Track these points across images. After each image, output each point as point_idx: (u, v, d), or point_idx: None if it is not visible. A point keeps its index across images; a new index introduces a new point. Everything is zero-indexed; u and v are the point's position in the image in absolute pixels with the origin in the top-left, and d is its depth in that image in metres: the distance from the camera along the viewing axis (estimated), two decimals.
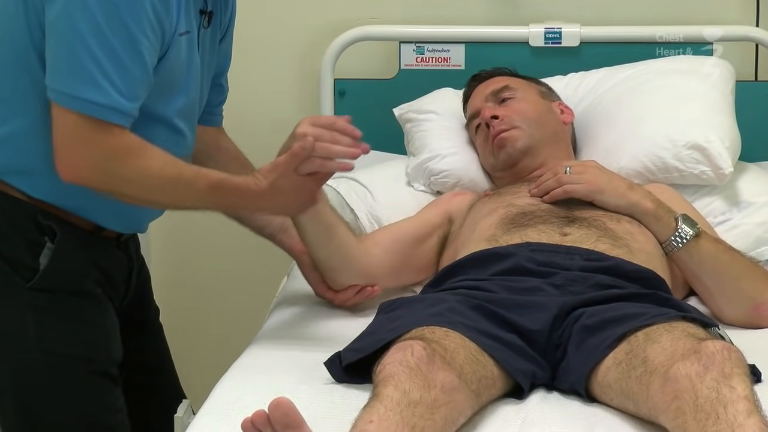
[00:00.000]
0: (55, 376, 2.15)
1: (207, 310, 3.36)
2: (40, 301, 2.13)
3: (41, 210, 2.12)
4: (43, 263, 2.12)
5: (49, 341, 2.14)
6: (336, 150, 2.08)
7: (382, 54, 3.20)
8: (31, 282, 2.12)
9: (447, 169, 2.79)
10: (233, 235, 3.30)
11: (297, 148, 2.07)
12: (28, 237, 2.12)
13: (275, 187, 2.11)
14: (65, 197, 2.12)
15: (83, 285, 2.17)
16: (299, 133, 2.09)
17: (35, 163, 2.10)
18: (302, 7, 3.20)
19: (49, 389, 2.15)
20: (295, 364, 2.09)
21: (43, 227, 2.12)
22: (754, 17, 3.13)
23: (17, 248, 2.12)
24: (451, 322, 1.97)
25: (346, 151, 2.08)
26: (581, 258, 2.24)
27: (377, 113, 3.04)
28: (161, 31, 2.03)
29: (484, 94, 2.73)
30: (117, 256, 2.26)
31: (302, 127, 2.10)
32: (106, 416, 2.22)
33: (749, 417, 1.66)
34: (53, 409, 2.16)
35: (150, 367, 2.44)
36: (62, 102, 1.99)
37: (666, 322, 1.94)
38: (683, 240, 2.36)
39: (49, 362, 2.14)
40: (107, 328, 2.23)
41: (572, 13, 3.13)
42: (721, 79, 2.88)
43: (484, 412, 1.91)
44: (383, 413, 1.71)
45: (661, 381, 1.76)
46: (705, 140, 2.69)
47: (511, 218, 2.40)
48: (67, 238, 2.13)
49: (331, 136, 2.08)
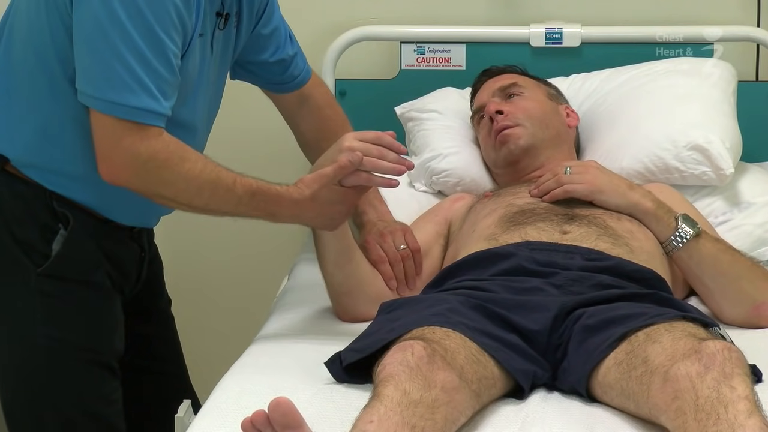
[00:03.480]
0: (56, 362, 2.20)
1: (207, 310, 3.36)
2: (48, 287, 2.17)
3: (57, 197, 2.16)
4: (56, 249, 2.16)
5: (53, 328, 2.18)
6: (383, 165, 2.14)
7: (382, 54, 3.20)
8: (42, 268, 2.16)
9: (448, 168, 2.78)
10: (233, 236, 3.32)
11: (345, 161, 2.13)
12: (42, 222, 2.16)
13: (317, 197, 2.16)
14: (78, 192, 2.17)
15: (93, 275, 2.21)
16: (346, 147, 2.14)
17: (49, 160, 2.14)
18: (303, 8, 3.20)
19: (50, 374, 2.20)
20: (295, 364, 2.09)
21: (57, 214, 2.16)
22: (755, 17, 3.13)
23: (31, 233, 2.16)
24: (451, 322, 1.97)
25: (393, 167, 2.14)
26: (581, 257, 2.24)
27: (378, 113, 3.04)
28: (183, 32, 2.07)
29: (492, 89, 2.73)
30: (129, 245, 2.29)
31: (348, 141, 2.16)
32: (102, 406, 2.26)
33: (750, 417, 1.66)
34: (52, 394, 2.20)
35: (159, 356, 2.48)
36: (99, 107, 2.03)
37: (666, 322, 1.94)
38: (683, 240, 2.36)
39: (52, 348, 2.18)
40: (112, 321, 2.26)
41: (573, 14, 3.13)
42: (723, 80, 2.88)
43: (484, 412, 1.91)
44: (384, 413, 1.71)
45: (662, 381, 1.76)
46: (706, 141, 2.69)
47: (510, 216, 2.40)
48: (81, 226, 2.17)
49: (379, 152, 2.14)
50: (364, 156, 2.13)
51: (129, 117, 2.02)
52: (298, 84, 2.50)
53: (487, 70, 2.84)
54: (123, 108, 2.02)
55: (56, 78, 2.10)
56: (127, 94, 2.01)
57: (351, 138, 2.16)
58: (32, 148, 2.15)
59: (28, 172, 2.16)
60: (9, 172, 2.17)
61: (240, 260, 3.34)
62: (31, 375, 2.21)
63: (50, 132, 2.13)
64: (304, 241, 2.88)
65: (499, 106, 2.65)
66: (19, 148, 2.15)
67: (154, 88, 2.02)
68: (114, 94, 2.01)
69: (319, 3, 3.21)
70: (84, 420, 2.24)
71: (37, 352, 2.19)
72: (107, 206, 2.20)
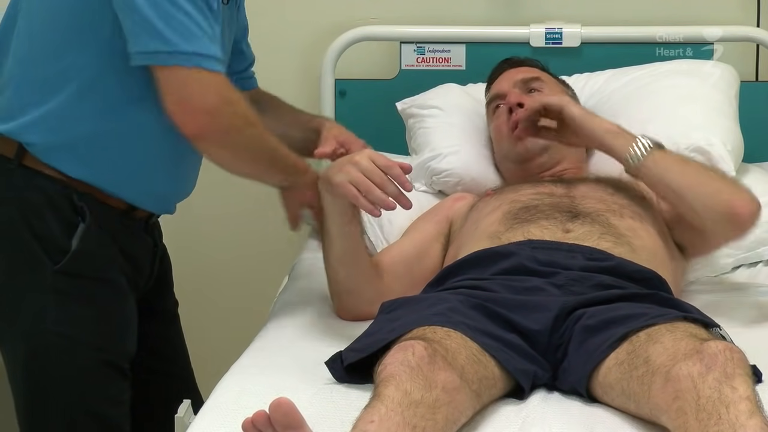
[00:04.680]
0: (65, 360, 2.21)
1: (207, 310, 3.36)
2: (63, 285, 2.19)
3: (77, 191, 2.18)
4: (74, 244, 2.18)
5: (65, 326, 2.20)
6: (376, 195, 2.15)
7: (382, 54, 3.20)
8: (59, 265, 2.18)
9: (449, 168, 2.78)
10: (233, 236, 3.32)
11: (338, 183, 2.18)
12: (63, 217, 2.18)
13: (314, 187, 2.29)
14: (102, 175, 2.19)
15: (108, 272, 2.23)
16: (355, 160, 2.18)
17: (75, 138, 2.16)
18: (303, 8, 3.20)
19: (59, 372, 2.21)
20: (295, 364, 2.09)
21: (77, 207, 2.18)
22: (755, 17, 3.13)
23: (52, 227, 2.18)
24: (452, 322, 1.97)
25: (384, 200, 2.15)
26: (583, 257, 2.24)
27: (378, 113, 3.05)
28: None
29: (513, 79, 2.71)
30: (144, 239, 2.32)
31: (360, 156, 2.19)
32: (107, 407, 2.27)
33: (751, 418, 1.65)
34: (60, 392, 2.22)
35: (165, 356, 2.49)
36: (163, 61, 2.07)
37: (668, 322, 1.94)
38: (645, 149, 2.36)
39: (62, 346, 2.20)
40: (125, 320, 2.28)
41: (573, 14, 3.13)
42: (725, 82, 2.89)
43: (484, 412, 1.90)
44: (384, 413, 1.71)
45: (663, 381, 1.76)
46: (707, 143, 2.70)
47: (514, 213, 2.39)
48: (97, 220, 2.19)
49: (381, 180, 2.15)
50: (364, 176, 2.15)
51: (196, 64, 2.06)
52: (253, 81, 2.56)
53: (510, 59, 2.82)
54: (188, 56, 2.06)
55: (85, 52, 2.12)
56: (191, 42, 2.05)
57: (365, 155, 2.19)
58: (57, 127, 2.16)
59: (52, 159, 2.17)
60: (27, 166, 2.18)
61: (240, 260, 3.34)
62: (41, 373, 2.22)
63: (75, 108, 2.15)
64: (304, 241, 2.88)
65: (520, 98, 2.61)
66: (43, 130, 2.16)
67: (211, 35, 2.09)
68: (178, 44, 2.05)
69: (319, 3, 3.21)
70: (86, 420, 2.25)
71: (48, 350, 2.20)
72: (129, 189, 2.22)
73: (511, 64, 2.79)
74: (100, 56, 2.13)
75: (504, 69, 2.78)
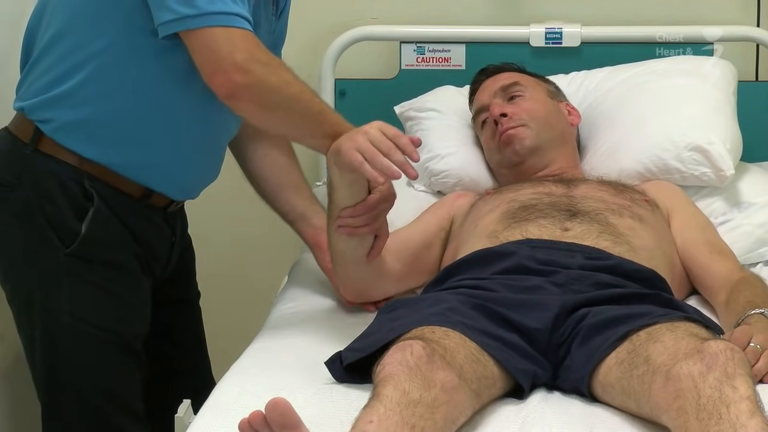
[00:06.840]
0: (79, 342, 2.25)
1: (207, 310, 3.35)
2: (76, 268, 2.22)
3: (89, 175, 2.20)
4: (85, 229, 2.20)
5: (79, 309, 2.23)
6: (379, 161, 2.10)
7: (382, 54, 3.20)
8: (71, 248, 2.20)
9: (447, 169, 2.78)
10: (233, 236, 3.32)
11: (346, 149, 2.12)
12: (75, 202, 2.21)
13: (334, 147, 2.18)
14: (118, 155, 2.20)
15: (120, 257, 2.26)
16: (364, 129, 2.14)
17: (94, 113, 2.18)
18: (302, 8, 3.19)
19: (73, 354, 2.25)
20: (295, 364, 2.09)
21: (87, 192, 2.20)
22: (755, 17, 3.13)
23: (64, 212, 2.20)
24: (451, 321, 1.96)
25: (388, 166, 2.10)
26: (582, 256, 2.23)
27: (378, 113, 3.02)
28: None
29: (492, 89, 2.72)
30: (161, 227, 2.33)
31: (371, 125, 2.14)
32: (122, 388, 2.30)
33: (752, 417, 1.65)
34: (74, 374, 2.26)
35: (185, 346, 2.53)
36: (190, 24, 2.08)
37: (669, 321, 1.94)
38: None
39: (76, 329, 2.24)
40: (136, 303, 2.31)
41: (573, 13, 3.13)
42: (723, 80, 2.88)
43: (484, 412, 1.90)
44: (383, 413, 1.71)
45: (663, 380, 1.76)
46: (706, 142, 2.69)
47: (512, 213, 2.39)
48: (108, 204, 2.21)
49: (387, 147, 2.11)
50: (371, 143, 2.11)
51: (225, 23, 2.07)
52: None
53: (485, 69, 2.83)
54: (218, 15, 2.07)
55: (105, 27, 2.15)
56: (220, 2, 2.06)
57: (375, 125, 2.15)
58: (76, 104, 2.18)
59: (68, 140, 2.19)
60: (42, 151, 2.20)
61: (240, 260, 3.33)
62: (56, 355, 2.26)
63: (94, 84, 2.17)
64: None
65: (502, 108, 2.64)
66: (64, 107, 2.18)
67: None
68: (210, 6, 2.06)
69: (319, 3, 3.21)
70: (98, 397, 2.28)
71: (62, 333, 2.24)
72: (145, 171, 2.24)
73: (487, 74, 2.79)
74: (119, 35, 2.15)
75: (481, 81, 2.79)
